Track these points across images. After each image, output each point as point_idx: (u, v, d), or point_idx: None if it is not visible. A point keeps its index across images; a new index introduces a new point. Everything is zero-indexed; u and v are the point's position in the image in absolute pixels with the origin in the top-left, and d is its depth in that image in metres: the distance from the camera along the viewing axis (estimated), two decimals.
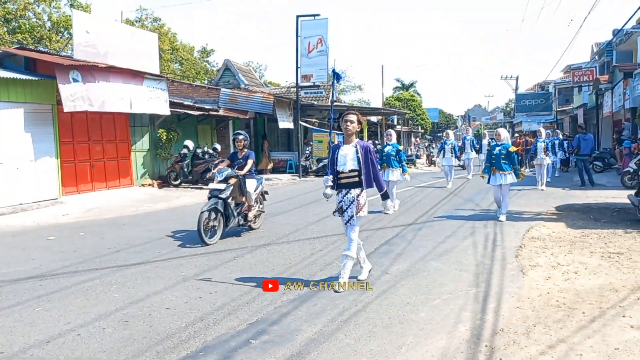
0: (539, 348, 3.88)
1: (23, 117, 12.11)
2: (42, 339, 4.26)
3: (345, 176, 5.41)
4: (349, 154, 5.42)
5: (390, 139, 11.20)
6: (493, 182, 9.53)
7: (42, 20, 31.68)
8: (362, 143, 5.44)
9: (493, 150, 9.57)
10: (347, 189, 5.44)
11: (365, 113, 33.62)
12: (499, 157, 9.39)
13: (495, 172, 9.45)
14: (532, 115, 42.12)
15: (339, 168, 5.43)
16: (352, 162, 5.39)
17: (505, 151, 9.37)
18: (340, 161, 5.44)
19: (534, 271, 6.02)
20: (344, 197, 5.46)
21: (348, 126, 5.41)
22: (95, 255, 7.45)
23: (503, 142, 9.57)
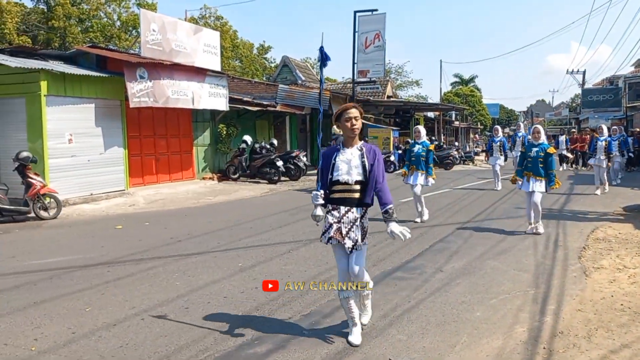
0: (600, 353, 3.75)
1: (94, 112, 12.78)
2: (109, 322, 4.52)
3: (344, 189, 4.01)
4: (353, 160, 4.00)
5: (419, 136, 9.62)
6: (525, 188, 8.06)
7: (112, 19, 33.24)
8: (369, 146, 4.13)
9: (529, 151, 8.04)
10: (346, 207, 4.02)
11: (422, 109, 33.23)
12: (536, 160, 7.89)
13: (530, 177, 7.95)
14: (600, 112, 40.12)
15: (339, 178, 4.00)
16: (358, 171, 3.98)
17: (544, 153, 7.89)
18: (340, 169, 4.01)
19: (598, 273, 5.79)
20: (342, 217, 4.01)
21: (353, 124, 4.00)
22: (159, 244, 7.79)
23: (541, 142, 7.99)
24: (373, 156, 4.05)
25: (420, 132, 9.63)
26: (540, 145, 7.94)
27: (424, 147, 9.38)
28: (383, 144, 23.48)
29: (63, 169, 11.87)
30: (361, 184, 4.01)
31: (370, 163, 4.01)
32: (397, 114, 29.69)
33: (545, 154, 7.87)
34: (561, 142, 23.23)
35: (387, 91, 30.05)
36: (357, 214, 4.03)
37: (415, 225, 8.98)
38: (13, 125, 11.69)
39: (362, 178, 4.00)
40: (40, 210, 10.12)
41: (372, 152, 4.08)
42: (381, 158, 4.11)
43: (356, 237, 4.00)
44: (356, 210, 4.03)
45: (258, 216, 10.35)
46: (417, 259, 6.61)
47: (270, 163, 17.01)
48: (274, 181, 16.89)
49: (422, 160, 9.31)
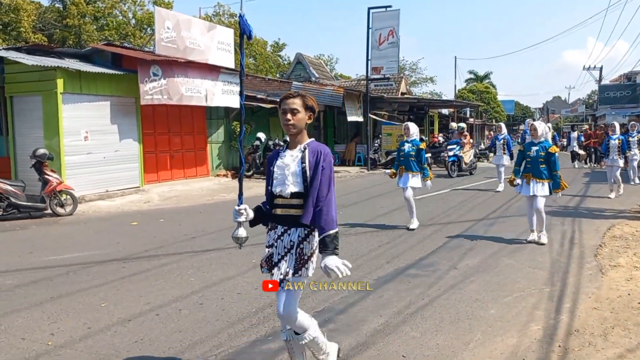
0: (616, 351, 3.70)
1: (109, 109, 12.91)
2: (124, 317, 4.57)
3: (282, 204, 3.12)
4: (291, 166, 3.08)
5: (408, 133, 8.50)
6: (525, 192, 7.17)
7: (127, 17, 33.52)
8: (315, 146, 3.12)
9: (528, 150, 7.17)
10: (285, 226, 3.15)
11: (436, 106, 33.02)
12: (536, 160, 7.02)
13: (530, 179, 7.09)
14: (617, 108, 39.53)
15: (274, 189, 3.14)
16: (295, 180, 3.06)
17: (545, 152, 6.98)
18: (276, 177, 3.13)
19: (615, 271, 5.72)
20: (277, 240, 3.19)
21: (288, 119, 3.09)
22: (174, 240, 7.85)
23: (541, 141, 7.12)
24: (315, 160, 3.04)
25: (409, 129, 8.52)
26: (540, 144, 7.06)
27: (414, 146, 8.35)
28: (397, 141, 23.36)
29: (79, 166, 12.01)
30: (301, 197, 3.05)
31: (311, 169, 3.03)
32: (411, 110, 29.51)
33: (547, 154, 6.96)
34: (573, 139, 22.73)
35: (401, 88, 29.91)
36: (294, 237, 3.10)
37: (429, 222, 8.94)
38: (30, 123, 11.86)
39: (299, 189, 3.04)
40: (56, 206, 10.26)
41: (317, 154, 3.06)
42: (330, 163, 3.08)
43: (287, 268, 3.09)
44: (294, 232, 3.11)
45: None
46: (431, 257, 6.58)
47: None
48: None
49: (412, 160, 8.29)
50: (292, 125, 3.09)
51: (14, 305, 4.93)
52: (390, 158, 22.42)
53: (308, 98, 3.20)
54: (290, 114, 3.09)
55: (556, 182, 6.94)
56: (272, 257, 3.21)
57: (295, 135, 3.16)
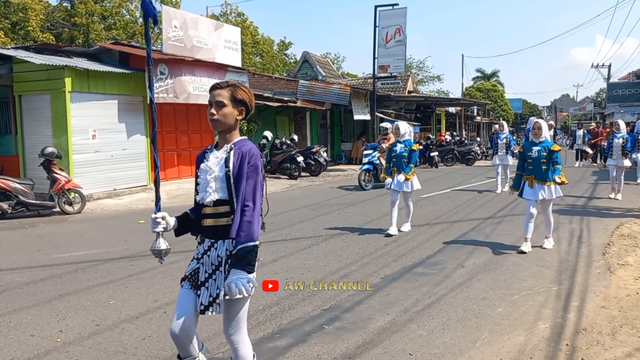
0: (625, 350, 3.68)
1: (117, 108, 12.97)
2: (132, 315, 4.60)
3: (208, 213, 2.71)
4: (214, 170, 2.68)
5: (399, 133, 8.06)
6: (531, 195, 6.54)
7: (134, 16, 33.62)
8: (242, 145, 2.69)
9: (529, 150, 6.61)
10: (211, 239, 2.73)
11: (443, 104, 32.92)
12: (539, 162, 6.48)
13: (533, 182, 6.52)
14: (626, 106, 39.22)
15: (197, 197, 2.77)
16: (218, 186, 2.66)
17: (547, 152, 6.47)
18: (199, 183, 2.76)
19: (623, 270, 5.69)
20: (203, 255, 2.74)
21: (212, 113, 2.67)
22: (181, 238, 7.78)
23: (542, 140, 6.58)
24: (240, 162, 2.63)
25: (399, 129, 8.05)
26: (542, 144, 6.54)
27: (407, 147, 7.90)
28: None
29: (87, 165, 12.08)
30: (226, 205, 2.65)
31: (235, 172, 2.63)
32: (418, 109, 29.48)
33: (549, 153, 6.46)
34: (578, 137, 22.01)
35: (408, 86, 29.85)
36: (221, 251, 2.67)
37: (436, 221, 8.93)
38: (38, 122, 11.94)
39: (224, 196, 2.64)
40: (65, 204, 10.32)
41: (241, 155, 2.64)
42: (256, 165, 2.63)
43: (217, 289, 2.64)
44: (221, 246, 2.68)
45: (279, 211, 10.39)
46: (438, 255, 6.57)
47: (291, 159, 17.06)
48: (295, 177, 16.93)
49: (404, 162, 7.84)
50: (216, 120, 2.67)
51: (23, 302, 4.97)
52: None
53: (240, 90, 2.71)
54: (215, 107, 2.67)
55: (557, 171, 6.50)
56: (199, 273, 2.73)
57: (223, 134, 2.74)
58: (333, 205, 11.03)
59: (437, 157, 22.22)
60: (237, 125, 2.76)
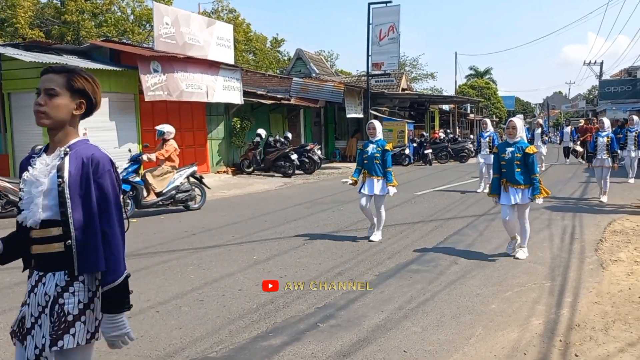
0: (617, 345, 3.70)
1: (108, 105, 12.88)
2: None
3: (39, 237, 2.10)
4: (44, 181, 2.08)
5: (374, 133, 7.33)
6: (505, 200, 6.11)
7: (125, 13, 33.44)
8: (83, 151, 2.11)
9: (502, 152, 6.14)
10: (40, 271, 2.12)
11: (437, 101, 32.99)
12: (512, 164, 6.00)
13: (508, 186, 6.06)
14: (618, 103, 39.46)
15: (19, 216, 2.17)
16: (47, 202, 2.06)
17: (522, 154, 5.99)
18: (23, 197, 2.14)
19: (615, 266, 5.71)
20: (30, 294, 2.14)
21: (38, 103, 2.09)
22: (174, 237, 7.84)
23: (517, 140, 6.10)
24: (81, 171, 2.06)
25: (375, 128, 7.35)
26: (516, 144, 6.05)
27: (379, 147, 7.21)
28: (398, 137, 23.36)
29: None
30: (58, 227, 2.05)
31: (76, 186, 2.05)
32: (412, 106, 29.54)
33: (524, 155, 5.98)
34: (566, 134, 21.42)
35: (402, 84, 29.88)
36: (50, 287, 2.07)
37: (430, 218, 8.94)
38: (28, 120, 11.82)
39: (52, 215, 2.05)
40: None
41: (82, 163, 2.07)
42: (109, 175, 2.10)
43: (43, 339, 2.04)
44: (50, 281, 2.08)
45: (273, 209, 10.37)
46: (432, 252, 6.57)
47: (285, 156, 17.03)
48: (289, 175, 16.91)
49: (377, 163, 7.15)
50: (42, 113, 2.06)
51: (13, 302, 4.91)
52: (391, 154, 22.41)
53: (79, 78, 2.13)
54: (43, 96, 2.07)
55: (535, 186, 5.95)
56: (24, 320, 2.11)
57: (54, 132, 2.12)
58: (327, 203, 11.02)
59: (431, 154, 22.26)
60: (75, 122, 2.16)
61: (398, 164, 21.87)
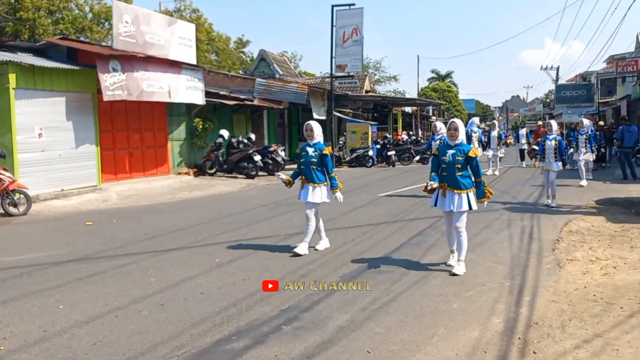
0: (574, 342, 3.80)
1: (65, 105, 12.48)
2: (82, 319, 4.42)
3: None
4: None
5: (312, 135, 6.70)
6: (441, 206, 5.82)
7: (84, 11, 32.50)
8: None
9: (443, 154, 5.76)
10: None
11: (400, 104, 33.40)
12: (453, 167, 5.64)
13: (446, 190, 5.72)
14: (573, 107, 40.92)
15: None
16: None
17: (463, 157, 5.64)
18: None
19: (572, 265, 5.89)
20: None
21: None
22: (133, 240, 7.65)
23: (459, 143, 5.75)
24: None
25: (313, 130, 6.72)
26: (457, 147, 5.70)
27: (317, 151, 6.64)
28: (361, 138, 23.52)
29: (33, 164, 11.56)
30: None
31: None
32: (375, 108, 29.80)
33: (466, 158, 5.63)
34: (521, 136, 21.31)
35: (365, 86, 30.12)
36: None
37: (393, 219, 9.01)
38: None
39: None
40: (9, 206, 9.85)
41: None
42: None
43: None
44: None
45: (235, 211, 10.26)
46: (396, 252, 6.63)
47: (248, 158, 16.88)
48: (252, 176, 16.77)
49: (314, 169, 6.59)
50: None
51: None
52: (355, 155, 22.58)
53: None
54: None
55: (480, 190, 5.67)
56: None
57: None
58: (291, 204, 10.96)
59: (394, 156, 22.51)
60: None
61: (362, 165, 22.06)
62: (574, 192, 12.21)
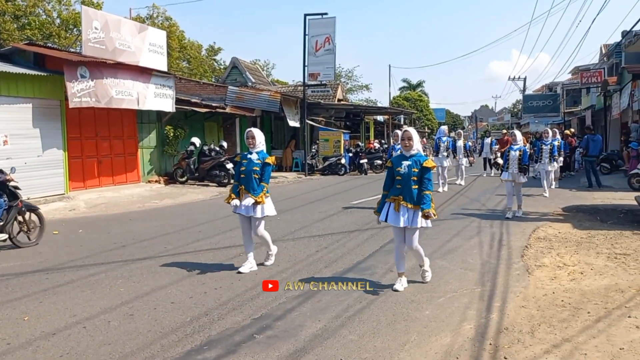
0: (543, 347, 3.87)
1: (31, 112, 12.19)
2: (48, 331, 4.29)
3: None
4: None
5: (253, 143, 6.19)
6: (393, 221, 5.30)
7: (51, 17, 31.84)
8: None
9: (397, 165, 5.32)
10: None
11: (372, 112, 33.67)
12: (408, 179, 5.21)
13: (400, 204, 5.24)
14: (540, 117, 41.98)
15: None
16: None
17: (419, 168, 5.21)
18: None
19: (540, 271, 6.00)
20: None
21: None
22: (102, 249, 7.49)
23: (415, 153, 5.30)
24: None
25: (255, 137, 6.19)
26: (413, 158, 5.26)
27: (260, 159, 6.13)
28: (334, 146, 23.61)
29: None
30: None
31: None
32: (348, 117, 29.95)
33: (422, 169, 5.21)
34: (486, 145, 21.33)
35: (338, 94, 30.27)
36: None
37: (365, 227, 9.04)
38: None
39: None
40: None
41: None
42: None
43: None
44: None
45: (207, 220, 10.15)
46: (368, 260, 6.65)
47: (220, 165, 16.74)
48: (224, 184, 16.63)
49: (255, 178, 6.06)
50: None
51: None
52: (327, 164, 22.63)
53: None
54: None
55: (426, 202, 5.18)
56: None
57: None
58: None
59: (366, 164, 22.65)
60: None
61: (334, 173, 22.12)
62: (541, 200, 12.47)
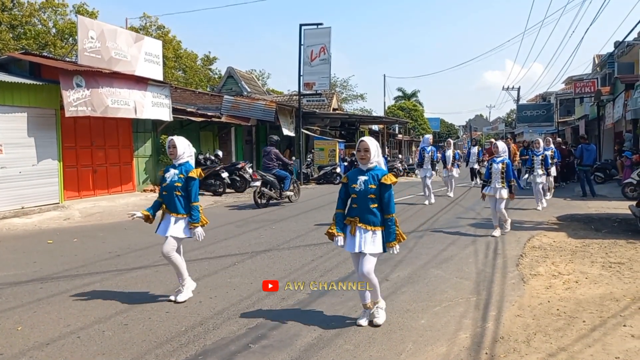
0: (539, 356, 3.87)
1: (27, 121, 12.16)
2: (42, 341, 4.26)
3: None
4: None
5: (175, 153, 5.38)
6: (349, 246, 4.57)
7: (47, 26, 31.88)
8: None
9: (353, 181, 4.51)
10: None
11: (367, 122, 33.79)
12: (365, 197, 4.45)
13: (357, 227, 4.49)
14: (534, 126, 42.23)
15: None
16: None
17: (377, 184, 4.43)
18: None
19: (535, 280, 6.01)
20: None
21: None
22: (97, 259, 7.45)
23: (372, 167, 4.51)
24: None
25: (176, 147, 5.37)
26: (370, 172, 4.48)
27: (182, 174, 5.33)
28: (329, 155, 23.65)
29: None
30: None
31: None
32: (343, 126, 30.04)
33: (380, 186, 4.43)
34: (472, 155, 21.15)
35: (333, 104, 30.38)
36: None
37: None
38: None
39: None
40: None
41: None
42: None
43: None
44: None
45: None
46: None
47: (215, 175, 16.73)
48: (219, 193, 16.61)
49: (177, 195, 5.30)
50: None
51: None
52: (323, 173, 22.64)
53: None
54: None
55: (390, 230, 4.50)
56: None
57: None
58: (259, 221, 10.91)
59: None
60: None
61: (329, 182, 22.13)
62: (533, 211, 12.49)
